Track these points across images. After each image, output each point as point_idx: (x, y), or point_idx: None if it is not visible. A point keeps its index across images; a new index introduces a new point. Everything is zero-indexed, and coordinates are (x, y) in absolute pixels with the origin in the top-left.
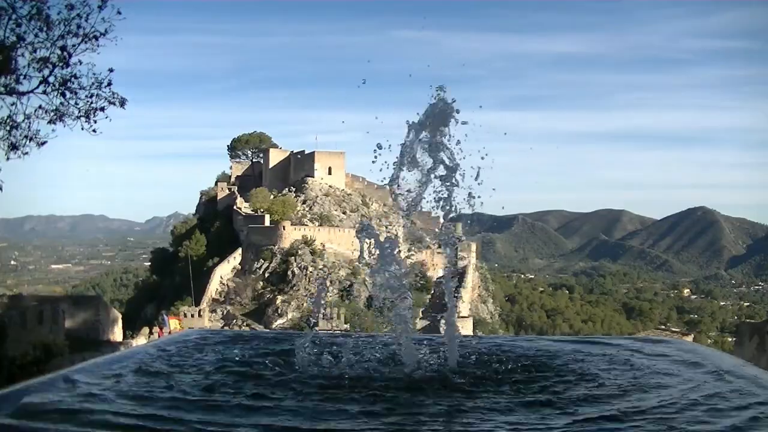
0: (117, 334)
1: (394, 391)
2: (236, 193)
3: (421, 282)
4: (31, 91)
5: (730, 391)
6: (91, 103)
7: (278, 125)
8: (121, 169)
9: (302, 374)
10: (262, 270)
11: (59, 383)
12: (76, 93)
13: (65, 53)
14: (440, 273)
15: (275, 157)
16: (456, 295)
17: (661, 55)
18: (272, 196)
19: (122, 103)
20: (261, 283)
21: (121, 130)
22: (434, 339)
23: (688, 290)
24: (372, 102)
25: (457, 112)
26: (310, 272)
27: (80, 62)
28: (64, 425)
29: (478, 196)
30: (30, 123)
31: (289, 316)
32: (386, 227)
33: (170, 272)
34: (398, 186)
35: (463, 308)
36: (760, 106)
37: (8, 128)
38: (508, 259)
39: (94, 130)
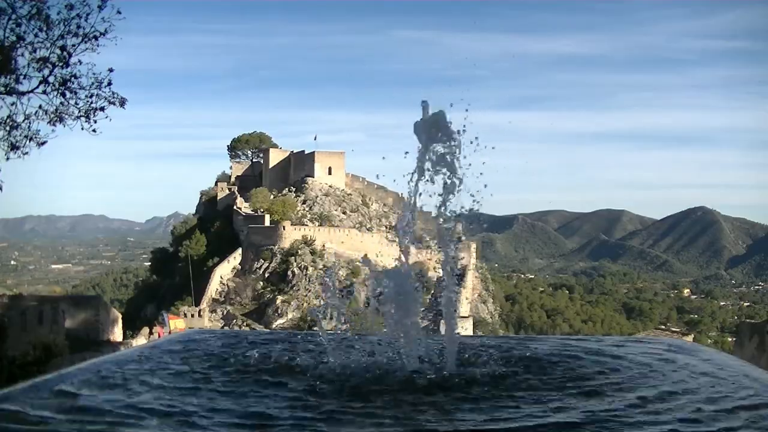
0: (117, 334)
1: None
2: (236, 193)
3: (421, 282)
4: (31, 91)
5: None
6: (91, 103)
7: (278, 125)
8: (121, 169)
9: None
10: (262, 270)
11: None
12: (76, 93)
13: (65, 53)
14: (440, 273)
15: (275, 157)
16: (456, 294)
17: (661, 55)
18: (272, 196)
19: (122, 103)
20: (261, 283)
21: (121, 130)
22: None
23: (688, 290)
24: (372, 102)
25: (461, 117)
26: (311, 272)
27: (80, 62)
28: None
29: (483, 196)
30: (30, 123)
31: (289, 316)
32: (386, 227)
33: (170, 272)
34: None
35: (463, 308)
36: (760, 106)
37: (8, 128)
38: (508, 259)
39: (94, 130)
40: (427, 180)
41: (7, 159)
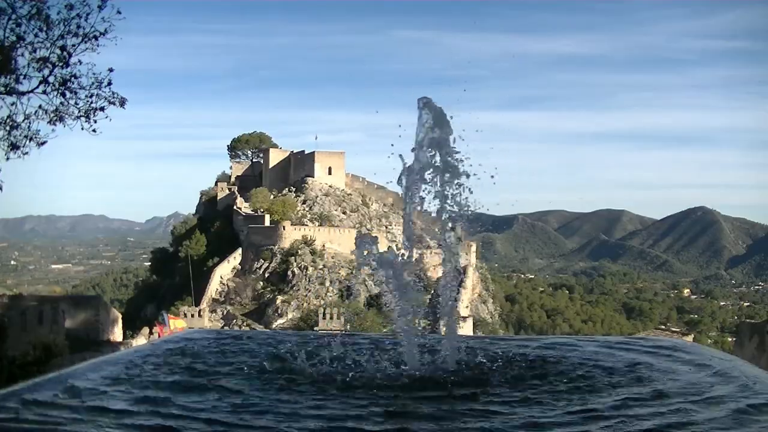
0: (117, 334)
1: None
2: (236, 193)
3: (422, 282)
4: (31, 91)
5: None
6: (91, 103)
7: (278, 125)
8: (121, 169)
9: None
10: (262, 270)
11: None
12: (76, 93)
13: (65, 53)
14: (440, 273)
15: (275, 157)
16: (456, 295)
17: (661, 55)
18: (272, 196)
19: (122, 103)
20: (261, 283)
21: (121, 130)
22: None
23: (688, 290)
24: (372, 102)
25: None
26: (311, 272)
27: (80, 62)
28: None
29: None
30: (30, 123)
31: (289, 316)
32: (386, 227)
33: (170, 272)
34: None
35: (463, 308)
36: (760, 106)
37: (8, 128)
38: (508, 259)
39: (94, 130)
40: (428, 176)
41: (7, 159)
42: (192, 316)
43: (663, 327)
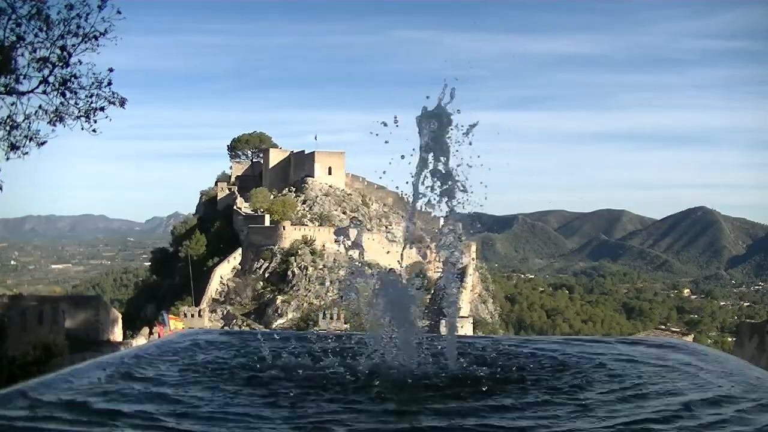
0: (117, 334)
1: None
2: (236, 193)
3: (421, 283)
4: (31, 91)
5: None
6: (91, 103)
7: (278, 125)
8: (121, 169)
9: None
10: (262, 270)
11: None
12: (76, 93)
13: (65, 53)
14: (440, 273)
15: (275, 157)
16: (455, 294)
17: (661, 55)
18: (272, 196)
19: (122, 102)
20: (261, 283)
21: (121, 130)
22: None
23: (688, 290)
24: (372, 102)
25: (458, 111)
26: (311, 272)
27: (80, 62)
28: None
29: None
30: (30, 123)
31: (289, 316)
32: (386, 227)
33: (170, 272)
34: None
35: (463, 308)
36: (760, 106)
37: (8, 128)
38: (508, 259)
39: (94, 130)
40: (427, 180)
41: (7, 159)
42: (192, 316)
43: (663, 327)
